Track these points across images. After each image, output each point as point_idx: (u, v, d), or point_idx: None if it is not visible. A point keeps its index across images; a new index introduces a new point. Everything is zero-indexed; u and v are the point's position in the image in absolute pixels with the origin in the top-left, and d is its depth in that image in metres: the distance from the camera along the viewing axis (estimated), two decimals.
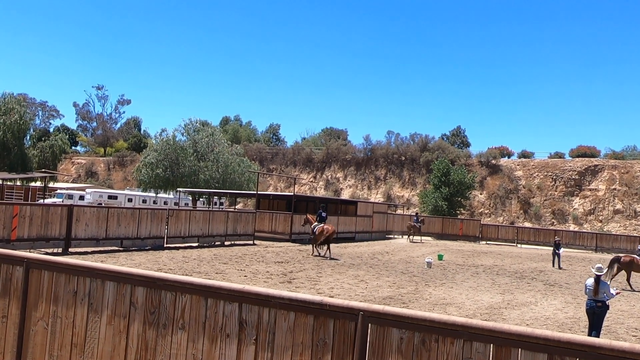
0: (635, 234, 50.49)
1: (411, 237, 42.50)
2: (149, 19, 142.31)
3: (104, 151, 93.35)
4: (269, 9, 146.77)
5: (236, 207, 58.20)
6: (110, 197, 48.67)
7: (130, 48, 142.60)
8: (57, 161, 57.47)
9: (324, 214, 25.91)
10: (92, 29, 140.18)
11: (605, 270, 10.90)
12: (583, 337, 3.37)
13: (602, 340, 3.30)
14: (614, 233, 50.81)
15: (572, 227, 56.80)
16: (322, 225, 24.76)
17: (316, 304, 4.01)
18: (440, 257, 27.44)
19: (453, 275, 20.81)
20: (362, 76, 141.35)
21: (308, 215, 27.62)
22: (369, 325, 3.87)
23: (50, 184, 52.61)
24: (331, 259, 23.69)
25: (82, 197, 46.49)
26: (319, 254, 24.75)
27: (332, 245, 25.59)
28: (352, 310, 3.90)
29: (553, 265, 27.52)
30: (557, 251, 27.64)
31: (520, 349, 3.47)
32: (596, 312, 10.70)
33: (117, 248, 21.09)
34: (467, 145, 76.55)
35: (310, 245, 26.09)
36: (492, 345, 3.55)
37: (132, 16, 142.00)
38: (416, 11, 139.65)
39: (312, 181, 74.67)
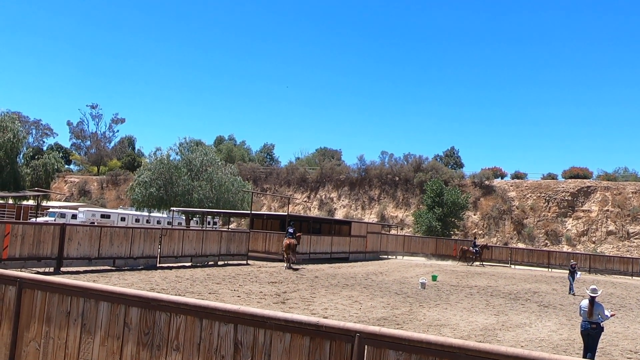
0: (628, 256, 50.58)
1: (469, 262, 44.17)
2: (144, 37, 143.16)
3: (98, 170, 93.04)
4: (264, 29, 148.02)
5: (230, 226, 57.97)
6: (103, 216, 48.42)
7: (125, 67, 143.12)
8: (50, 180, 57.26)
9: (290, 230, 28.77)
10: (87, 48, 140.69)
11: (599, 292, 10.89)
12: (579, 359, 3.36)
13: None
14: (607, 254, 50.86)
15: (566, 248, 56.85)
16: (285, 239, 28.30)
17: (312, 325, 3.99)
18: (434, 278, 27.36)
19: (447, 296, 20.73)
20: (356, 97, 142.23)
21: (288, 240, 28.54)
22: (366, 347, 3.84)
23: (43, 203, 52.28)
24: (290, 268, 27.31)
25: (74, 216, 46.21)
26: (287, 265, 27.76)
27: (325, 265, 28.04)
28: (348, 332, 3.88)
29: (570, 292, 25.13)
30: (573, 276, 25.32)
31: None
32: (591, 334, 10.68)
33: (109, 267, 20.92)
34: (461, 166, 76.85)
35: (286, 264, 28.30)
36: None
37: (127, 35, 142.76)
38: (410, 33, 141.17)
39: (306, 201, 74.60)
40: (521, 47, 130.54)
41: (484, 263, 44.75)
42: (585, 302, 10.82)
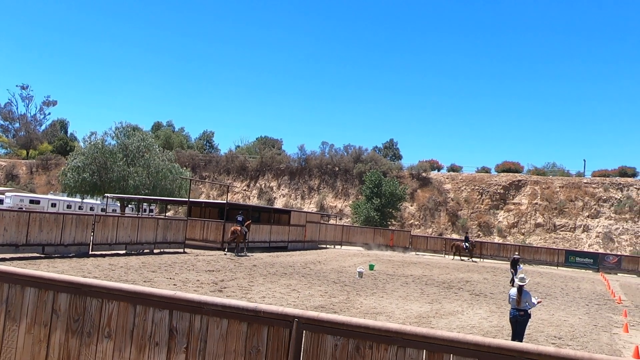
0: (554, 247, 53.00)
1: (459, 257, 43.88)
2: (80, 17, 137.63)
3: (27, 153, 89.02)
4: (205, 10, 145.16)
5: (167, 214, 56.82)
6: (32, 201, 46.44)
7: (58, 48, 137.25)
8: None
9: (240, 218, 30.12)
10: (17, 24, 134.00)
11: (527, 281, 11.34)
12: (512, 343, 3.47)
13: (530, 345, 3.40)
14: (535, 245, 53.13)
15: (497, 240, 58.95)
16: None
17: (250, 311, 3.94)
18: (371, 267, 27.78)
19: (383, 285, 21.10)
20: (297, 86, 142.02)
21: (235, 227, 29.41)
22: (304, 332, 3.83)
23: None
24: (238, 255, 28.52)
25: (0, 201, 44.11)
26: (235, 251, 29.01)
27: (264, 254, 28.65)
28: (286, 317, 3.85)
29: (512, 283, 22.95)
30: (516, 268, 22.98)
31: (452, 355, 3.53)
32: (519, 321, 11.11)
33: (38, 255, 20.10)
34: (399, 157, 78.20)
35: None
36: (425, 351, 3.58)
37: (62, 13, 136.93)
38: (350, 23, 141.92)
39: (245, 189, 74.07)
40: (456, 40, 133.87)
41: (474, 258, 43.77)
42: (513, 291, 11.24)
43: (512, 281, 24.12)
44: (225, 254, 28.16)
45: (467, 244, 43.34)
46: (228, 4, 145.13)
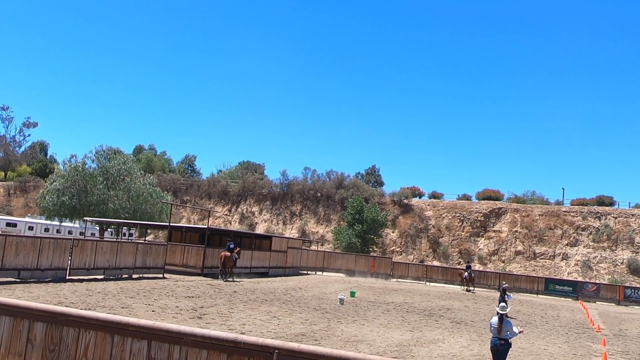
0: (534, 275, 53.30)
1: (465, 287, 42.56)
2: (60, 39, 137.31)
3: (5, 175, 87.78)
4: (187, 38, 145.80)
5: (146, 238, 56.18)
6: (8, 224, 45.61)
7: (40, 69, 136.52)
8: None
9: (231, 245, 30.69)
10: None
11: (508, 309, 11.37)
12: None
13: None
14: (515, 273, 53.40)
15: (478, 267, 59.15)
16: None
17: (230, 342, 3.90)
18: (352, 294, 27.66)
19: (365, 312, 21.00)
20: (280, 112, 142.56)
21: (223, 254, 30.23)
22: None
23: None
24: (227, 280, 29.56)
25: None
26: (223, 277, 29.96)
27: (246, 280, 29.57)
28: (267, 348, 3.82)
29: None
30: (505, 298, 22.63)
31: None
32: (500, 350, 11.12)
33: (13, 279, 19.71)
34: (381, 184, 78.50)
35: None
36: None
37: (43, 36, 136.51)
38: (332, 49, 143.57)
39: (227, 214, 73.65)
40: (439, 69, 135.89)
41: (473, 288, 42.84)
42: (495, 319, 11.26)
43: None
44: (225, 280, 29.61)
45: (472, 274, 42.44)
46: (212, 31, 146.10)
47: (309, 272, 46.22)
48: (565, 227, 62.06)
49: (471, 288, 42.61)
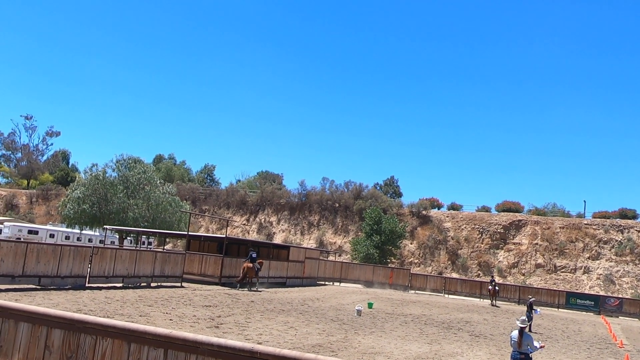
0: (555, 288, 52.52)
1: (493, 301, 40.81)
2: (82, 51, 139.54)
3: (28, 183, 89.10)
4: (207, 48, 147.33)
5: (165, 247, 56.52)
6: (30, 232, 46.25)
7: (63, 78, 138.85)
8: None
9: (253, 255, 30.80)
10: (23, 57, 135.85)
11: (529, 323, 11.18)
12: None
13: None
14: (535, 286, 52.64)
15: (497, 280, 58.43)
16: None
17: (246, 352, 3.86)
18: (370, 305, 27.47)
19: (382, 324, 20.82)
20: (298, 122, 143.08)
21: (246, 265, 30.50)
22: None
23: None
24: (251, 290, 29.96)
25: None
26: (242, 286, 30.39)
27: (263, 290, 29.81)
28: (284, 359, 3.78)
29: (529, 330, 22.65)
30: (531, 314, 22.91)
31: None
32: None
33: (34, 286, 19.91)
34: (400, 195, 78.16)
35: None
36: None
37: (66, 46, 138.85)
38: (353, 62, 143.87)
39: (245, 224, 73.83)
40: (458, 80, 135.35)
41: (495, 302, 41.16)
42: (515, 333, 11.08)
43: (528, 325, 23.69)
44: (249, 290, 30.02)
45: (497, 287, 41.05)
46: (233, 42, 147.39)
47: (326, 283, 46.06)
48: (586, 240, 61.11)
49: (495, 302, 41.06)
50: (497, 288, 40.99)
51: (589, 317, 39.36)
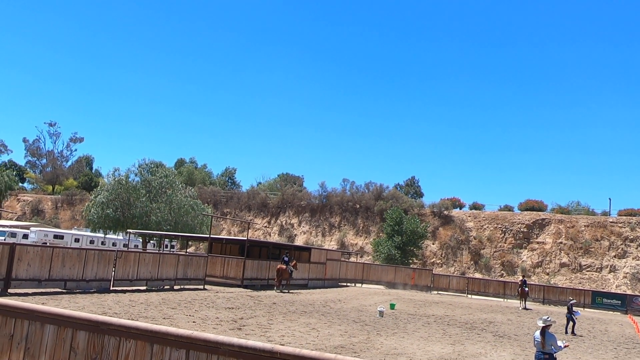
0: (580, 287, 51.77)
1: (523, 303, 37.47)
2: (105, 56, 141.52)
3: (53, 189, 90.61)
4: (226, 54, 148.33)
5: (187, 250, 57.02)
6: (56, 236, 47.01)
7: (86, 85, 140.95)
8: (2, 198, 55.40)
9: (286, 258, 32.57)
10: (46, 64, 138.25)
11: (550, 322, 11.02)
12: None
13: None
14: (560, 286, 51.96)
15: (521, 279, 57.77)
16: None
17: (267, 352, 3.90)
18: (392, 306, 27.39)
19: (405, 325, 20.75)
20: (318, 124, 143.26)
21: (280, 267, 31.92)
22: None
23: None
24: (282, 291, 30.99)
25: (25, 236, 44.75)
26: (278, 289, 31.39)
27: (284, 292, 30.68)
28: (304, 359, 3.81)
29: (566, 332, 23.07)
30: (572, 315, 23.13)
31: None
32: None
33: (60, 290, 20.24)
34: (421, 195, 77.79)
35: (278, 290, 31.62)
36: None
37: (88, 53, 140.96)
38: (373, 63, 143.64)
39: (266, 226, 74.12)
40: (478, 78, 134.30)
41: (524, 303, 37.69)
42: (538, 333, 10.96)
43: (568, 330, 23.33)
44: (278, 291, 31.18)
45: (526, 289, 37.77)
46: (250, 48, 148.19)
47: (348, 284, 46.02)
48: (612, 238, 60.13)
49: (525, 304, 37.51)
50: (527, 289, 37.72)
51: (616, 317, 38.73)
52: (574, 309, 23.96)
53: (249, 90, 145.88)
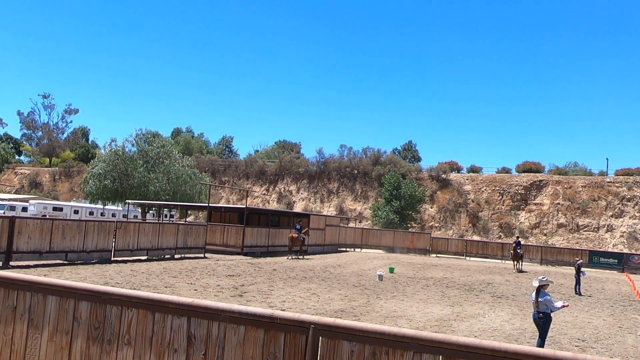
0: (577, 247, 52.27)
1: (518, 265, 35.43)
2: (99, 26, 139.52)
3: (50, 161, 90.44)
4: (221, 20, 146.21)
5: (187, 219, 57.26)
6: (55, 208, 47.13)
7: (79, 56, 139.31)
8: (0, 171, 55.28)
9: (298, 226, 33.92)
10: (38, 35, 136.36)
11: (545, 282, 11.17)
12: (529, 348, 3.44)
13: (547, 350, 3.38)
14: (557, 246, 52.46)
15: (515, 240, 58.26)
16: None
17: (266, 317, 3.96)
18: (391, 270, 27.68)
19: (404, 288, 21.01)
20: (315, 90, 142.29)
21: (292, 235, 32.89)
22: (320, 338, 3.84)
23: None
24: (297, 258, 32.33)
25: (25, 209, 44.85)
26: (290, 256, 32.51)
27: (283, 258, 30.99)
28: (302, 324, 3.87)
29: (576, 293, 23.42)
30: (578, 276, 23.76)
31: None
32: (539, 323, 11.03)
33: (61, 261, 20.40)
34: (418, 159, 77.80)
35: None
36: (441, 356, 3.58)
37: (82, 24, 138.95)
38: (368, 26, 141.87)
39: (264, 194, 74.32)
40: (474, 41, 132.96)
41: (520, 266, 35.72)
42: (534, 293, 11.15)
43: (577, 290, 23.63)
44: (293, 258, 31.96)
45: (520, 250, 35.25)
46: (245, 14, 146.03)
47: (347, 249, 46.42)
48: (609, 198, 60.47)
49: (520, 266, 35.51)
50: (520, 251, 35.32)
51: (613, 275, 39.23)
52: (582, 269, 24.34)
53: (244, 57, 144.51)
